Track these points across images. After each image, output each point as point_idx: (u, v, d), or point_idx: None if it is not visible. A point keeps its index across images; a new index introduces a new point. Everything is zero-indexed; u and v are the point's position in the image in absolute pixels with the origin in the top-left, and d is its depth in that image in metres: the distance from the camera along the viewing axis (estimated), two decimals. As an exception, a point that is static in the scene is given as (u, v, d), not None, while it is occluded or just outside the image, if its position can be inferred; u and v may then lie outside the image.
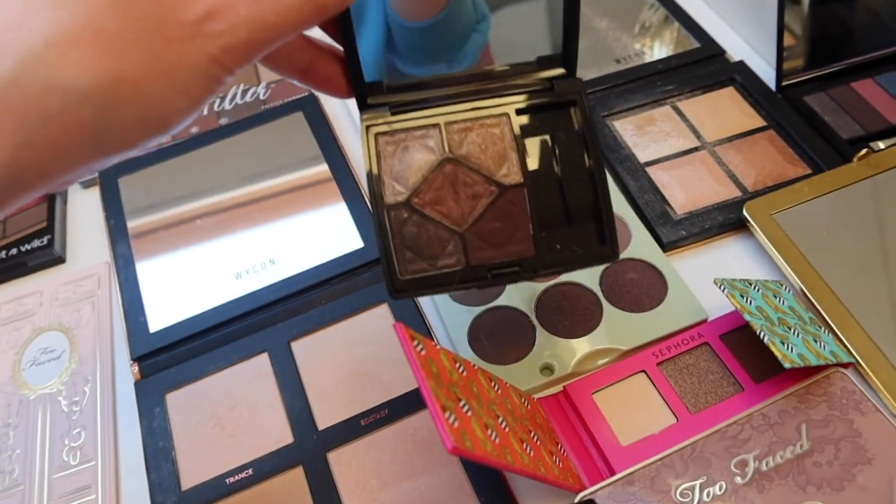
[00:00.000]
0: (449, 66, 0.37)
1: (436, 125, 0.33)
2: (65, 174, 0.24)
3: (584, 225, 0.34)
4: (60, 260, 0.58)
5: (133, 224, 0.56)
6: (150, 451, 0.45)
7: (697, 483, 0.38)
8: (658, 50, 0.66)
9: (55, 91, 0.21)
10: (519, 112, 0.34)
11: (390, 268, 0.32)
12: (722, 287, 0.42)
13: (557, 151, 0.34)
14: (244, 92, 0.66)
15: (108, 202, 0.58)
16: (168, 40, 0.23)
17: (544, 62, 0.35)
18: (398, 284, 0.32)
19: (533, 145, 0.34)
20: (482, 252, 0.33)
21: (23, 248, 0.56)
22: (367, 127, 0.33)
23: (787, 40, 0.58)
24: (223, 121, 0.64)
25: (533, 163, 0.33)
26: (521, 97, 0.34)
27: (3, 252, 0.56)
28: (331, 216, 0.55)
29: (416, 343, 0.32)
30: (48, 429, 0.47)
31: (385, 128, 0.33)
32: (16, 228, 0.58)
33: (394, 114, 0.33)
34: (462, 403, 0.32)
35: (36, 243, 0.57)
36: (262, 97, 0.66)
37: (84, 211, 0.61)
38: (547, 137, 0.34)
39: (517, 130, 0.33)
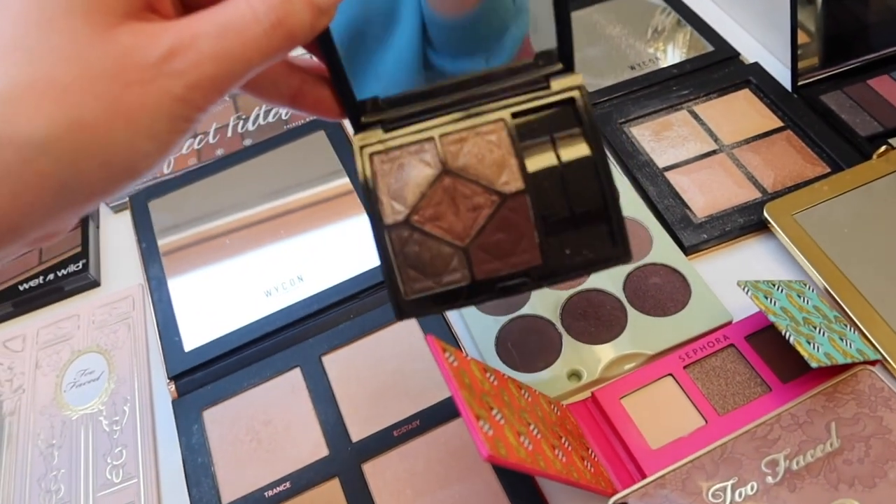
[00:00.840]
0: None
1: (430, 139, 0.32)
2: (35, 228, 0.23)
3: (592, 227, 0.32)
4: (95, 283, 0.59)
5: (164, 244, 0.58)
6: (190, 467, 0.46)
7: (729, 484, 0.39)
8: (672, 55, 0.66)
9: (12, 145, 0.21)
10: (515, 115, 0.32)
11: (394, 289, 0.31)
12: (746, 289, 0.43)
13: (559, 153, 0.32)
14: (266, 112, 0.68)
15: (139, 225, 0.60)
16: (127, 84, 0.22)
17: (540, 59, 0.32)
18: (403, 305, 0.31)
19: (533, 149, 0.32)
20: (488, 265, 0.31)
21: (59, 274, 0.58)
22: (361, 147, 0.32)
23: (802, 39, 0.58)
24: (247, 142, 0.66)
25: (534, 167, 0.32)
26: (518, 99, 0.32)
27: (41, 278, 0.58)
28: (355, 229, 0.56)
29: (447, 355, 0.33)
30: (91, 448, 0.49)
31: (379, 147, 0.32)
32: (51, 254, 0.60)
33: (387, 131, 0.32)
34: (494, 412, 0.33)
35: (71, 268, 0.59)
36: (284, 117, 0.67)
37: (116, 235, 0.63)
38: (547, 139, 0.32)
39: (515, 135, 0.32)
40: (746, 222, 0.52)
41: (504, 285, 0.32)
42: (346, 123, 0.63)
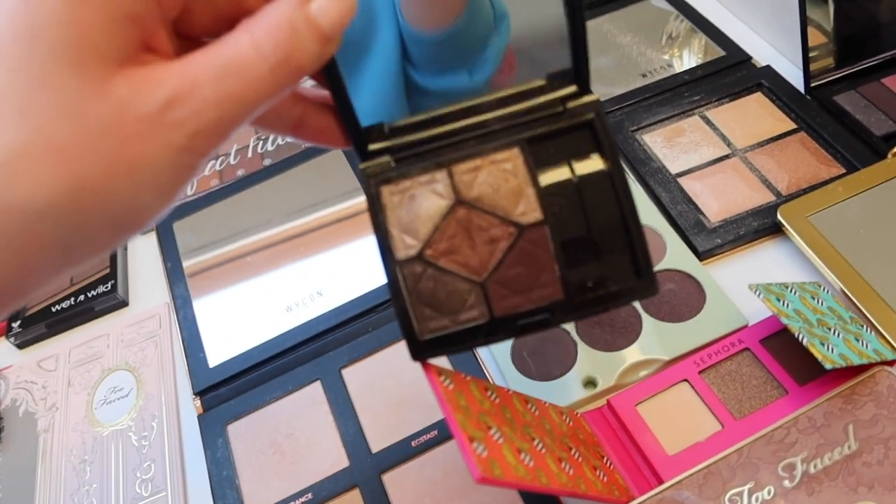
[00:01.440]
0: (470, 74, 0.35)
1: (442, 168, 0.30)
2: (38, 288, 0.23)
3: (615, 258, 0.30)
4: (124, 303, 0.61)
5: (188, 264, 0.60)
6: (215, 481, 0.47)
7: (746, 488, 0.39)
8: (685, 60, 0.67)
9: (12, 212, 0.20)
10: (531, 142, 0.30)
11: (409, 328, 0.30)
12: (758, 292, 0.43)
13: (578, 181, 0.31)
14: (285, 133, 0.70)
15: (164, 246, 0.62)
16: (126, 139, 0.21)
17: (554, 80, 0.31)
18: (419, 345, 0.30)
19: (550, 177, 0.30)
20: (506, 301, 0.30)
21: (89, 294, 0.60)
22: (369, 178, 0.30)
23: (814, 40, 0.58)
24: (267, 162, 0.67)
25: (552, 196, 0.30)
26: (532, 125, 0.31)
27: (72, 299, 0.60)
28: (372, 245, 0.57)
29: (443, 378, 0.33)
30: (121, 463, 0.50)
31: (388, 177, 0.30)
32: (82, 276, 0.62)
33: (396, 160, 0.30)
34: (493, 431, 0.32)
35: (101, 289, 0.61)
36: (307, 144, 0.69)
37: (142, 255, 0.65)
38: (565, 166, 0.31)
39: (531, 163, 0.30)
40: (761, 226, 0.52)
41: (525, 322, 0.30)
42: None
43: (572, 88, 0.31)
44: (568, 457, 0.37)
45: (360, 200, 0.60)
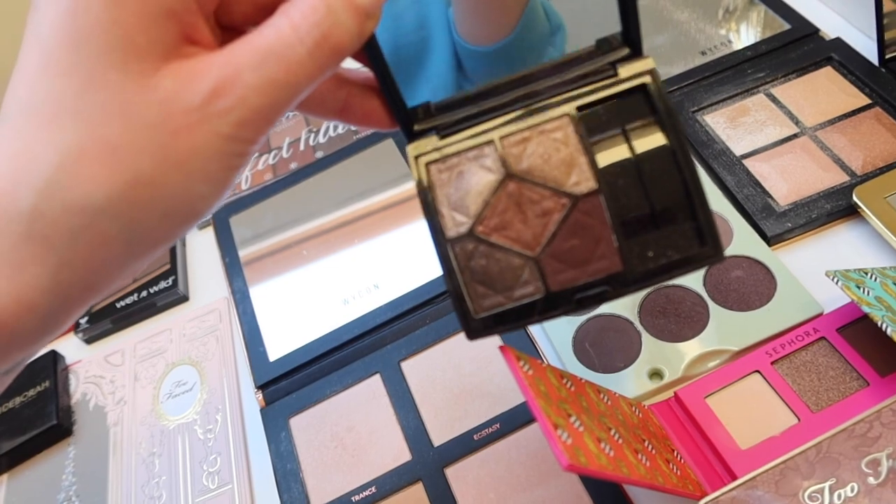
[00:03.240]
0: None
1: (490, 142, 0.29)
2: (108, 283, 0.24)
3: (676, 225, 0.28)
4: (185, 298, 0.62)
5: (245, 255, 0.60)
6: (280, 474, 0.47)
7: (826, 485, 0.37)
8: (745, 36, 0.64)
9: (74, 212, 0.21)
10: (581, 109, 0.29)
11: (463, 307, 0.29)
12: (835, 279, 0.41)
13: (633, 145, 0.29)
14: (337, 125, 0.70)
15: (222, 241, 0.62)
16: (175, 132, 0.22)
17: (604, 45, 0.30)
18: (473, 324, 0.29)
19: (603, 144, 0.29)
20: (562, 275, 0.29)
21: (151, 290, 0.61)
22: (416, 157, 0.30)
23: (888, 6, 0.54)
24: (319, 154, 0.67)
25: (606, 163, 0.29)
26: (582, 91, 0.29)
27: (136, 295, 0.61)
28: (427, 233, 0.56)
29: (522, 363, 0.32)
30: (188, 456, 0.51)
31: (435, 155, 0.29)
32: (144, 272, 0.64)
33: (442, 137, 0.29)
34: (573, 419, 0.32)
35: (162, 285, 0.62)
36: (353, 128, 0.69)
37: (201, 250, 0.66)
38: (619, 131, 0.29)
39: (583, 131, 0.29)
40: (834, 208, 0.49)
41: (583, 296, 0.29)
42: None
43: (624, 51, 0.29)
44: (642, 448, 0.36)
45: (412, 187, 0.60)
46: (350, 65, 0.28)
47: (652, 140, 0.29)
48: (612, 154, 0.29)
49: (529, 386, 0.31)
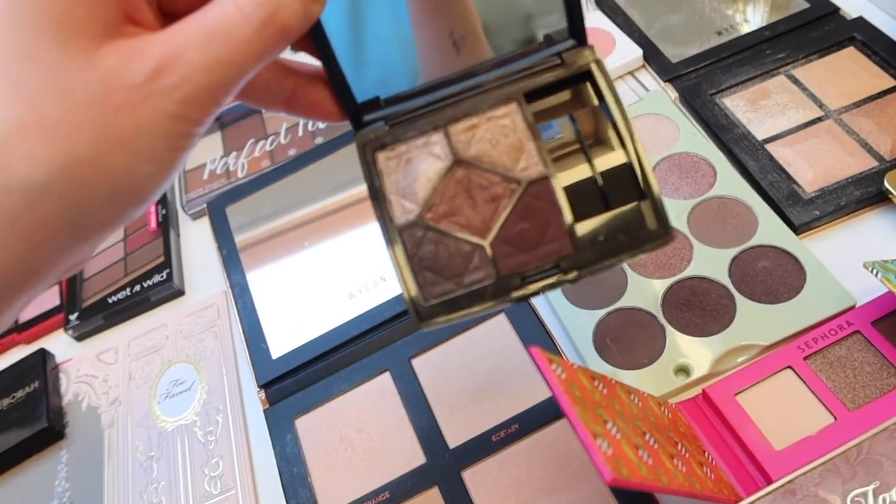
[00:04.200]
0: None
1: (438, 129, 0.30)
2: (52, 268, 0.23)
3: (626, 207, 0.29)
4: (180, 293, 0.59)
5: (243, 245, 0.57)
6: (286, 478, 0.45)
7: (870, 489, 0.35)
8: (763, 15, 0.61)
9: (14, 191, 0.21)
10: (529, 96, 0.29)
11: (411, 295, 0.29)
12: (874, 270, 0.39)
13: (580, 128, 0.30)
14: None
15: (218, 232, 0.59)
16: (117, 109, 0.21)
17: (550, 39, 0.31)
18: (423, 311, 0.29)
19: (551, 130, 0.30)
20: (513, 259, 0.29)
21: (145, 284, 0.59)
22: (363, 145, 0.30)
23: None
24: (319, 140, 0.65)
25: (555, 149, 0.30)
26: (529, 80, 0.30)
27: (128, 289, 0.59)
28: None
29: (554, 367, 0.30)
30: (188, 459, 0.49)
31: (383, 142, 0.30)
32: (136, 265, 0.61)
33: (391, 127, 0.30)
34: (610, 425, 0.30)
35: (156, 278, 0.59)
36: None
37: (196, 242, 0.63)
38: (566, 117, 0.30)
39: (530, 116, 0.29)
40: (863, 194, 0.47)
41: (533, 280, 0.29)
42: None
43: (569, 43, 0.30)
44: (677, 452, 0.34)
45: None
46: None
47: (598, 123, 0.30)
48: (560, 138, 0.30)
49: (565, 391, 0.29)
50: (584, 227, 0.29)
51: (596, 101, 0.30)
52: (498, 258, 0.29)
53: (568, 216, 0.29)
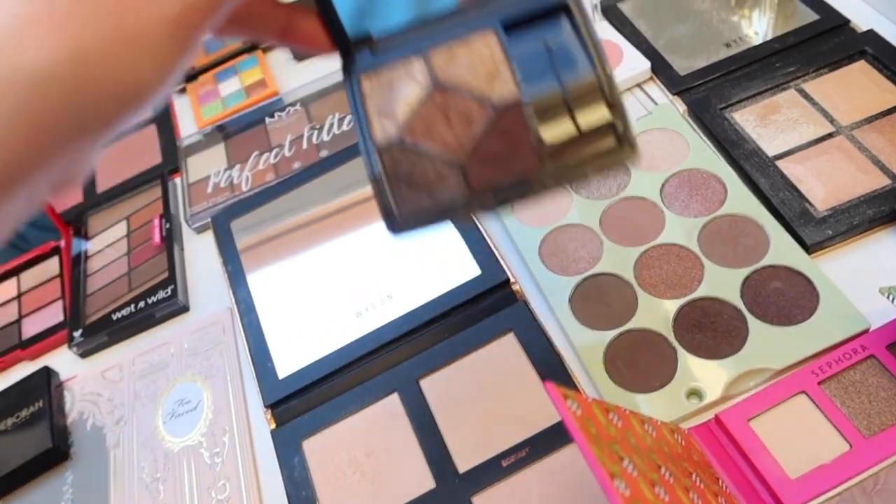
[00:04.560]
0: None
1: (419, 56, 0.32)
2: (54, 161, 0.23)
3: (594, 125, 0.30)
4: (185, 309, 0.59)
5: (248, 262, 0.57)
6: (294, 502, 0.45)
7: (887, 521, 0.35)
8: (771, 26, 0.61)
9: (20, 78, 0.21)
10: (506, 26, 0.31)
11: (386, 207, 0.31)
12: (890, 297, 0.38)
13: (553, 56, 0.31)
14: (340, 121, 0.66)
15: (223, 248, 0.59)
16: (125, 8, 0.22)
17: None
18: (396, 221, 0.31)
19: (526, 58, 0.31)
20: (484, 175, 0.31)
21: (149, 301, 0.58)
22: (349, 71, 0.32)
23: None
24: (323, 153, 0.64)
25: (529, 75, 0.31)
26: (507, 12, 0.32)
27: (133, 306, 0.58)
28: (444, 244, 0.53)
29: (569, 403, 0.30)
30: (195, 481, 0.48)
31: (366, 67, 0.32)
32: (140, 280, 0.60)
33: (376, 55, 0.32)
34: (626, 463, 0.30)
35: (161, 294, 0.58)
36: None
37: (200, 256, 0.62)
38: (540, 45, 0.31)
39: (506, 44, 0.31)
40: (877, 213, 0.47)
41: (503, 192, 0.30)
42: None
43: None
44: (692, 485, 0.34)
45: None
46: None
47: (573, 52, 0.31)
48: (534, 63, 0.31)
49: (581, 429, 0.29)
50: (553, 148, 0.30)
51: (570, 30, 0.31)
52: (471, 175, 0.30)
53: (536, 134, 0.30)
